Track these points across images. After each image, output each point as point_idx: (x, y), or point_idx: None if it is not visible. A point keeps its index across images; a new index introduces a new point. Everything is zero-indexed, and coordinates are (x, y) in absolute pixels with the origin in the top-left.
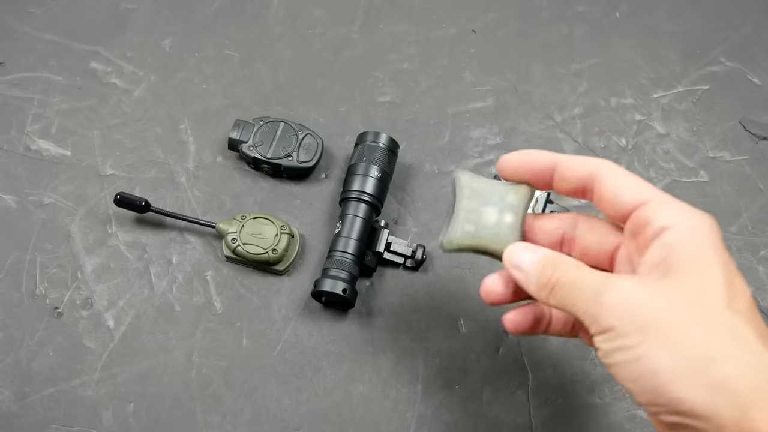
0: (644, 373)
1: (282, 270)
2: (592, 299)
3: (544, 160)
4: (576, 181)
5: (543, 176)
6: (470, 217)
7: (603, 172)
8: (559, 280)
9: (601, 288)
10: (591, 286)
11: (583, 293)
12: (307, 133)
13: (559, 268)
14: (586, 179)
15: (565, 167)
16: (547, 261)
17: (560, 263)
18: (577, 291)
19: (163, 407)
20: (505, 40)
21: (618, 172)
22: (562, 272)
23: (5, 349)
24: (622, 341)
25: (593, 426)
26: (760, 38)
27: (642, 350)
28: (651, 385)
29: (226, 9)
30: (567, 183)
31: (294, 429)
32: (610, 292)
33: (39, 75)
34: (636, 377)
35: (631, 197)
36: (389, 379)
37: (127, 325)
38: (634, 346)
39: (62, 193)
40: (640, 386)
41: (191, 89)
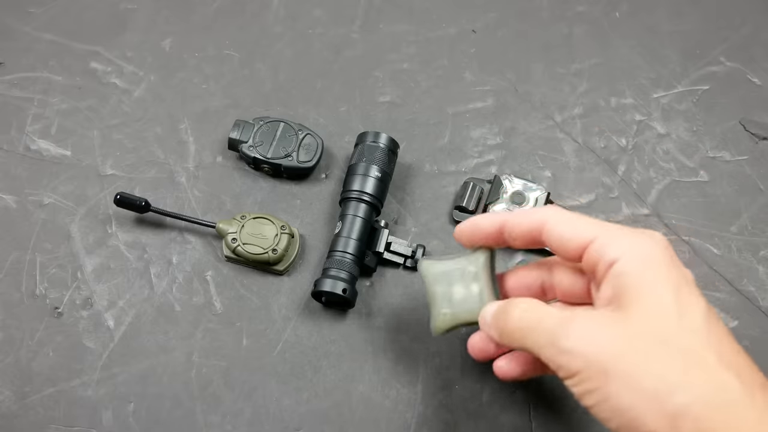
0: (614, 412)
1: (282, 270)
2: (551, 344)
3: (489, 224)
4: (525, 236)
5: (494, 238)
6: (443, 301)
7: (547, 222)
8: (511, 323)
9: (556, 331)
10: (547, 328)
11: (540, 338)
12: (307, 133)
13: (510, 312)
14: (533, 232)
15: (512, 226)
16: (500, 307)
17: (510, 307)
18: (534, 334)
19: (163, 407)
20: (505, 40)
21: (561, 218)
22: (513, 314)
23: (5, 349)
24: (588, 385)
25: (593, 426)
26: (760, 38)
27: (607, 391)
28: (623, 422)
29: (226, 9)
30: (517, 240)
31: (294, 429)
32: (566, 336)
33: (39, 75)
34: (608, 416)
35: (576, 239)
36: (389, 379)
37: (127, 325)
38: (599, 388)
39: (62, 193)
40: (614, 424)
41: (191, 89)
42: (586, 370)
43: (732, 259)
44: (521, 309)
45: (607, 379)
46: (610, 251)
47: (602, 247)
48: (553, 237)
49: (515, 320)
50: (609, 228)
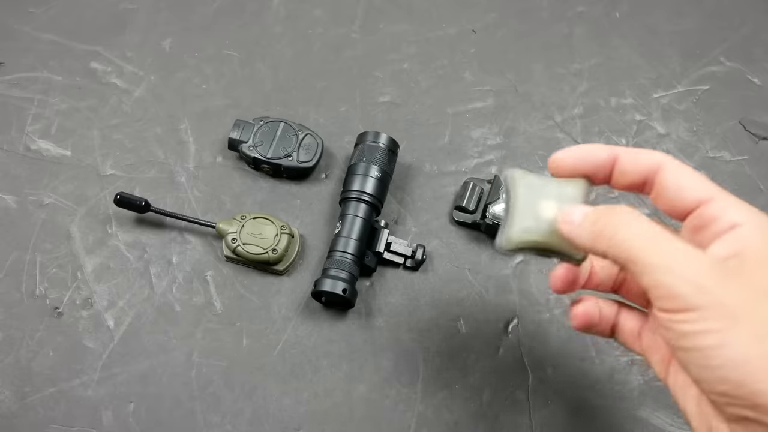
0: (728, 361)
1: (282, 270)
2: (669, 268)
3: (603, 155)
4: (637, 175)
5: (603, 170)
6: (528, 213)
7: (666, 167)
8: (621, 232)
9: (682, 257)
10: (670, 251)
11: (655, 257)
12: (307, 133)
13: (619, 215)
14: (648, 173)
15: (626, 161)
16: (604, 210)
17: (621, 211)
18: (647, 251)
19: (163, 407)
20: (505, 40)
21: (681, 168)
22: (625, 221)
23: (5, 349)
24: (707, 324)
25: (593, 426)
26: (760, 38)
27: (729, 337)
28: (732, 375)
29: (226, 9)
30: (627, 177)
31: (294, 429)
32: (695, 266)
33: (39, 75)
34: (717, 364)
35: (695, 194)
36: (389, 379)
37: (127, 325)
38: (720, 331)
39: (62, 193)
40: (718, 375)
41: (191, 89)
42: (711, 309)
43: None
44: (634, 217)
45: (734, 324)
46: (731, 215)
47: (722, 209)
48: (670, 183)
49: (625, 226)
50: (727, 193)
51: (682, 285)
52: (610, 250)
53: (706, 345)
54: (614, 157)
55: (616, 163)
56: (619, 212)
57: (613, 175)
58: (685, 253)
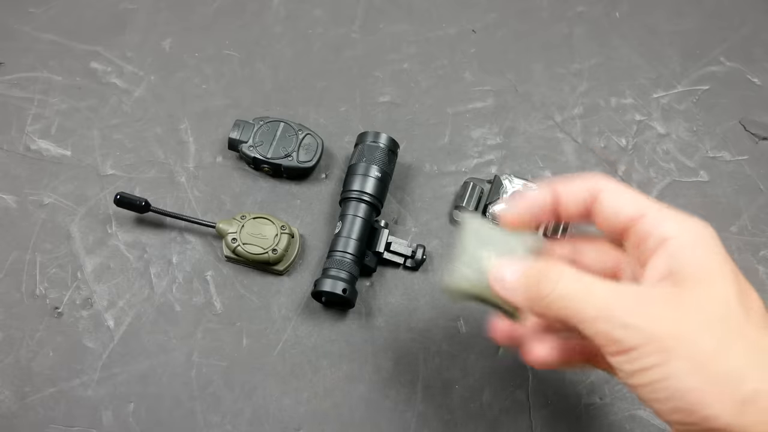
0: (673, 393)
1: (282, 270)
2: (602, 316)
3: (544, 198)
4: (579, 205)
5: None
6: (471, 262)
7: (603, 190)
8: (554, 288)
9: (609, 303)
10: (598, 299)
11: (589, 309)
12: (307, 133)
13: (550, 273)
14: (588, 200)
15: (565, 194)
16: (534, 270)
17: (552, 270)
18: (578, 303)
19: (163, 407)
20: (505, 40)
21: (617, 189)
22: (555, 279)
23: (5, 349)
24: (645, 361)
25: (593, 426)
26: (760, 38)
27: (668, 370)
28: (681, 405)
29: (226, 9)
30: (571, 210)
31: (294, 429)
32: (622, 307)
33: (39, 75)
34: (664, 397)
35: (628, 211)
36: (389, 379)
37: (127, 325)
38: (659, 366)
39: (62, 193)
40: (669, 406)
41: (191, 89)
42: (646, 346)
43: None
44: (567, 274)
45: (670, 357)
46: (662, 228)
47: (656, 222)
48: (605, 204)
49: (559, 286)
50: (660, 205)
51: (615, 329)
52: (547, 311)
53: (650, 380)
54: (555, 195)
55: (559, 200)
56: (550, 270)
57: (561, 214)
58: (616, 295)
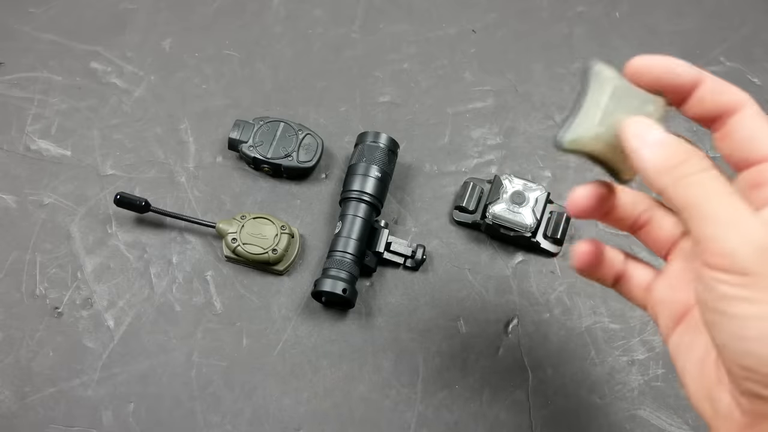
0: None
1: (282, 270)
2: (737, 230)
3: (689, 76)
4: (715, 107)
5: (682, 93)
6: (604, 113)
7: (745, 110)
8: (694, 174)
9: (749, 220)
10: (738, 210)
11: (723, 213)
12: (307, 133)
13: (697, 161)
14: (726, 109)
15: (710, 89)
16: (683, 146)
17: (700, 157)
18: (714, 204)
19: (163, 407)
20: (505, 40)
21: (760, 116)
22: (701, 168)
23: (5, 349)
24: (756, 293)
25: (593, 426)
26: (760, 38)
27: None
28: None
29: (226, 9)
30: (704, 106)
31: (294, 429)
32: (760, 231)
33: (39, 75)
34: (752, 336)
35: (766, 147)
36: (389, 379)
37: (127, 325)
38: (766, 303)
39: (62, 193)
40: (749, 347)
41: (191, 89)
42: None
43: None
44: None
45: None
46: None
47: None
48: (744, 128)
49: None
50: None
51: (742, 246)
52: (674, 189)
53: (747, 314)
54: (698, 81)
55: (697, 88)
56: (700, 155)
57: (690, 100)
58: (752, 216)
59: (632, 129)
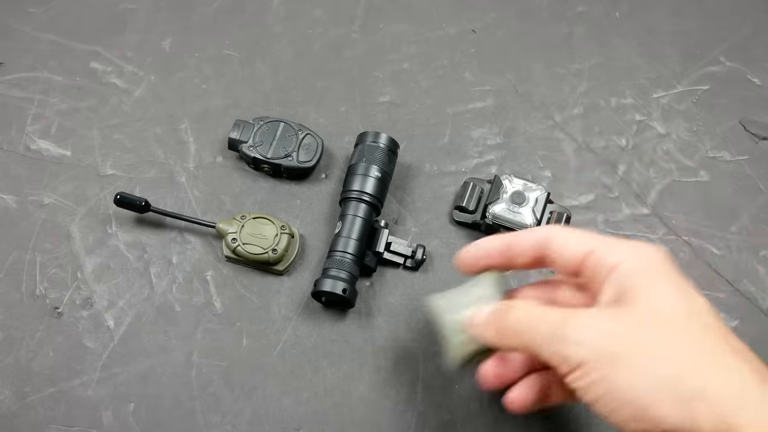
0: (624, 401)
1: (282, 270)
2: (555, 337)
3: (497, 244)
4: (529, 252)
5: (500, 258)
6: (456, 329)
7: (551, 238)
8: (510, 320)
9: (560, 324)
10: (550, 323)
11: (543, 331)
12: (307, 133)
13: (511, 310)
14: (539, 247)
15: (515, 244)
16: (498, 307)
17: (512, 306)
18: (535, 329)
19: (163, 407)
20: (505, 40)
21: (564, 233)
22: (514, 312)
23: (5, 349)
24: (594, 375)
25: (593, 426)
26: (760, 38)
27: (617, 379)
28: (632, 412)
29: (226, 9)
30: (523, 257)
31: (294, 429)
32: (571, 327)
33: (39, 75)
34: (617, 406)
35: (577, 251)
36: (389, 379)
37: (127, 325)
38: (608, 377)
39: (62, 193)
40: (624, 415)
41: (191, 89)
42: (594, 360)
43: (732, 259)
44: (521, 305)
45: (616, 366)
46: (610, 258)
47: (603, 255)
48: (555, 250)
49: (515, 316)
50: (608, 239)
51: (567, 347)
52: (511, 342)
53: (602, 392)
54: (507, 243)
55: (509, 247)
56: (510, 304)
57: (511, 258)
58: (567, 318)
59: (469, 324)
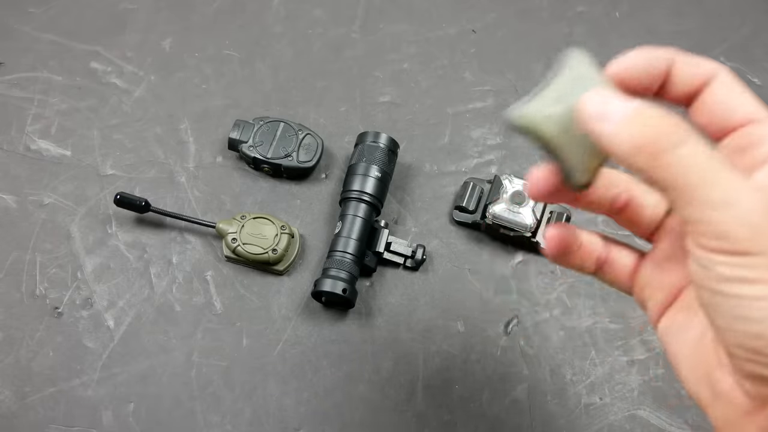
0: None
1: (282, 270)
2: (729, 209)
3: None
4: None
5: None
6: (562, 99)
7: (717, 79)
8: (672, 150)
9: (743, 196)
10: (730, 185)
11: (711, 192)
12: (307, 133)
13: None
14: (701, 82)
15: (682, 67)
16: (654, 116)
17: (676, 125)
18: (700, 182)
19: (163, 407)
20: (505, 40)
21: (734, 82)
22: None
23: (5, 349)
24: (759, 273)
25: (593, 426)
26: (760, 38)
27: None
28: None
29: (226, 9)
30: (681, 87)
31: (294, 429)
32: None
33: (39, 75)
34: (757, 317)
35: (744, 111)
36: (389, 379)
37: (127, 325)
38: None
39: (62, 193)
40: (754, 329)
41: (191, 89)
42: None
43: None
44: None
45: None
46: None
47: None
48: (720, 96)
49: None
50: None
51: (739, 226)
52: (652, 169)
53: (750, 294)
54: (670, 65)
55: (671, 72)
56: (675, 125)
57: (667, 84)
58: (745, 190)
59: (590, 106)
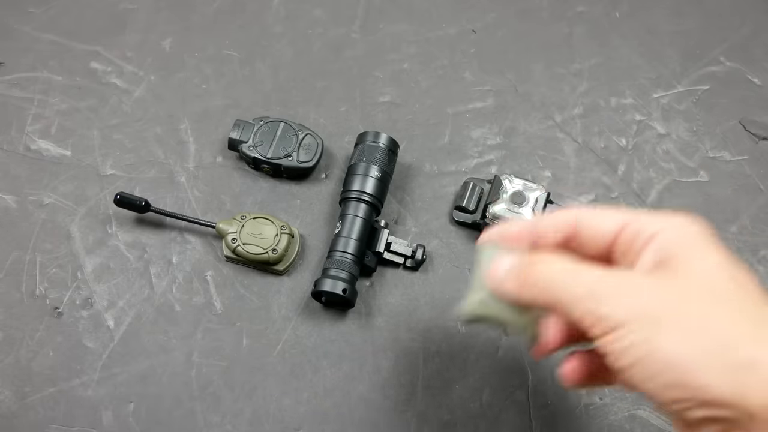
0: (665, 366)
1: (282, 270)
2: (591, 295)
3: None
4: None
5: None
6: (483, 285)
7: (580, 216)
8: (539, 272)
9: (597, 281)
10: (586, 279)
11: (577, 288)
12: (307, 133)
13: (541, 262)
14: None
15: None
16: (525, 259)
17: (543, 259)
18: (568, 284)
19: (163, 407)
20: (505, 40)
21: (591, 210)
22: (545, 266)
23: (5, 349)
24: (634, 336)
25: (593, 426)
26: (760, 38)
27: (658, 342)
28: (673, 378)
29: (226, 9)
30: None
31: (294, 429)
32: (611, 285)
33: (39, 75)
34: (655, 373)
35: (612, 223)
36: (389, 379)
37: (127, 325)
38: (648, 339)
39: (62, 193)
40: (661, 382)
41: (191, 89)
42: (634, 321)
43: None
44: (554, 259)
45: (659, 329)
46: (649, 226)
47: (640, 225)
48: (586, 225)
49: (546, 269)
50: (640, 212)
51: (603, 306)
52: (537, 296)
53: (639, 357)
54: (533, 226)
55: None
56: (538, 257)
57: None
58: (603, 277)
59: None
